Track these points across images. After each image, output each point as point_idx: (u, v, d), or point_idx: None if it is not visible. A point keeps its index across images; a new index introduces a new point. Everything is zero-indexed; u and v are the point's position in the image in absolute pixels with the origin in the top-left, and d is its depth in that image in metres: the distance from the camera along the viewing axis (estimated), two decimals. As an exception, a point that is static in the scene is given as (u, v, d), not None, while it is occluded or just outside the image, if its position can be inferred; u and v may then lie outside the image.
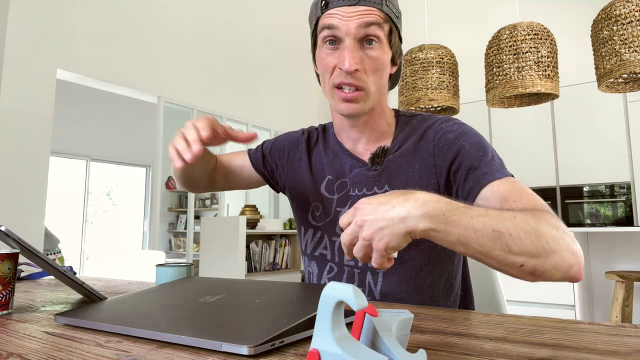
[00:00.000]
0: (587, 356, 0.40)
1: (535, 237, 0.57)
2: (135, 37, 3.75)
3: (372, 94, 0.77)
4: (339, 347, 0.32)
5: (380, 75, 0.76)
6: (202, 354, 0.42)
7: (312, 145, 0.95)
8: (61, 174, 5.84)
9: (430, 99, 2.98)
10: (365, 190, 0.83)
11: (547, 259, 0.57)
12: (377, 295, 0.81)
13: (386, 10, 0.74)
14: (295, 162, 0.95)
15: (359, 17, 0.72)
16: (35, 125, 3.03)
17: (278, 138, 1.00)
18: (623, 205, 3.87)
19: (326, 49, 0.76)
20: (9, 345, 0.47)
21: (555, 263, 0.58)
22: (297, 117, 5.51)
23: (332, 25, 0.73)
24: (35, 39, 3.06)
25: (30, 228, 2.97)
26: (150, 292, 0.66)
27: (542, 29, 2.62)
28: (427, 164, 0.80)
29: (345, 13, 0.72)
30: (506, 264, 0.57)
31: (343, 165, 0.87)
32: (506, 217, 0.57)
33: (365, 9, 0.72)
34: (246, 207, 3.81)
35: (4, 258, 0.63)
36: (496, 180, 0.71)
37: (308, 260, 0.91)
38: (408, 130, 0.85)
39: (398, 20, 0.78)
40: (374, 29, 0.73)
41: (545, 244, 0.57)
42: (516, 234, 0.56)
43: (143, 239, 6.72)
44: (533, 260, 0.57)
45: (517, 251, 0.56)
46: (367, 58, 0.74)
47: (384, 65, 0.76)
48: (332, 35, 0.74)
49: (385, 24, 0.74)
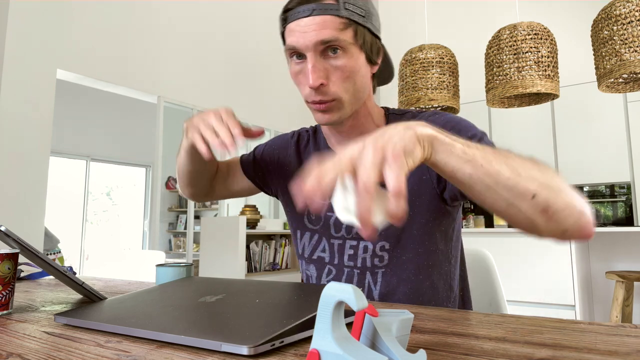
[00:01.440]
0: (587, 356, 0.39)
1: (544, 171, 0.52)
2: (135, 37, 3.75)
3: (346, 101, 0.74)
4: (339, 347, 0.32)
5: (353, 81, 0.74)
6: (202, 354, 0.42)
7: (302, 148, 0.93)
8: (61, 174, 5.84)
9: (430, 99, 2.98)
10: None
11: (559, 194, 0.52)
12: (376, 296, 0.81)
13: (345, 14, 0.70)
14: (285, 166, 0.94)
15: (315, 31, 0.69)
16: (35, 125, 3.03)
17: (269, 142, 0.99)
18: (623, 205, 3.86)
19: (294, 65, 0.75)
20: (8, 345, 0.47)
21: (567, 202, 0.52)
22: (297, 117, 5.51)
23: (292, 42, 0.72)
24: (35, 39, 3.06)
25: (30, 228, 2.97)
26: (150, 292, 0.66)
27: (542, 29, 2.62)
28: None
29: (302, 28, 0.70)
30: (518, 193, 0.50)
31: None
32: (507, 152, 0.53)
33: (321, 20, 0.69)
34: (246, 207, 3.81)
35: (4, 258, 0.63)
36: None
37: (306, 264, 0.91)
38: None
39: (365, 20, 0.74)
40: (332, 38, 0.70)
41: (552, 178, 0.52)
42: (522, 162, 0.52)
43: (143, 239, 6.72)
44: (545, 191, 0.51)
45: (527, 176, 0.50)
46: (332, 68, 0.72)
47: (353, 71, 0.73)
48: (294, 52, 0.73)
49: (347, 29, 0.71)
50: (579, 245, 2.69)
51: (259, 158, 0.98)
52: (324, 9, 0.70)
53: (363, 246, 0.82)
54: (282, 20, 0.75)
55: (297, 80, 0.77)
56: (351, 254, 0.83)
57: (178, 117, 5.66)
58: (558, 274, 2.54)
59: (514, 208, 0.52)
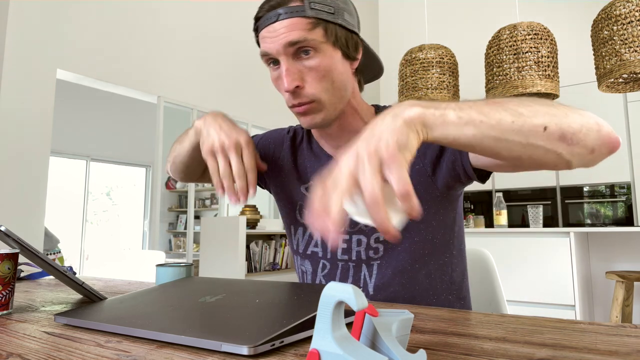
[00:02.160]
0: (587, 356, 0.40)
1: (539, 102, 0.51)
2: (135, 37, 3.76)
3: (326, 101, 0.74)
4: (339, 347, 0.32)
5: (330, 80, 0.73)
6: (202, 354, 0.42)
7: (297, 145, 0.93)
8: (61, 174, 5.84)
9: (430, 99, 2.98)
10: None
11: (568, 117, 0.50)
12: (371, 290, 0.81)
13: (312, 14, 0.70)
14: (279, 161, 0.94)
15: (283, 34, 0.70)
16: (35, 125, 3.03)
17: (265, 135, 0.99)
18: (623, 205, 3.87)
19: (272, 72, 0.76)
20: (8, 345, 0.47)
21: (580, 121, 0.51)
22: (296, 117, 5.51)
23: (264, 49, 0.73)
24: (35, 39, 3.06)
25: (30, 228, 2.97)
26: (150, 292, 0.66)
27: (542, 29, 2.62)
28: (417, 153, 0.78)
29: (271, 33, 0.71)
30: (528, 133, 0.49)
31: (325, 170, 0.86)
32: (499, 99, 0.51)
33: (289, 22, 0.70)
34: (246, 207, 3.81)
35: (4, 258, 0.63)
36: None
37: (301, 260, 0.91)
38: None
39: (334, 16, 0.73)
40: (300, 38, 0.70)
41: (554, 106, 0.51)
42: (519, 102, 0.50)
43: (143, 239, 6.72)
44: (554, 118, 0.49)
45: (529, 113, 0.49)
46: (307, 70, 0.72)
47: (329, 70, 0.73)
48: (269, 58, 0.74)
49: (315, 28, 0.71)
50: (578, 245, 2.69)
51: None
52: (290, 11, 0.70)
53: (357, 239, 0.82)
54: (254, 31, 0.76)
55: (277, 86, 0.77)
56: (344, 248, 0.83)
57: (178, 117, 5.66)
58: (558, 274, 2.54)
59: (532, 147, 0.50)
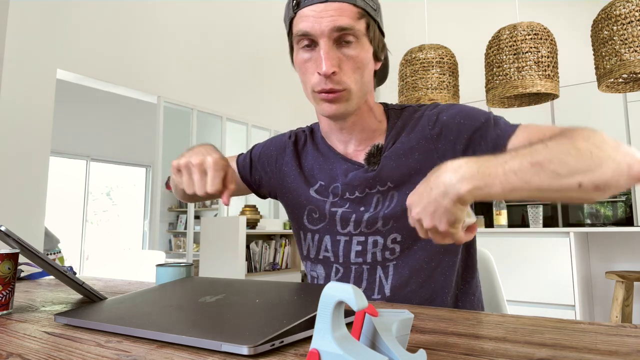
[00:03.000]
0: (587, 356, 0.40)
1: (577, 153, 0.54)
2: (135, 37, 3.76)
3: (355, 93, 0.73)
4: (339, 347, 0.32)
5: (362, 73, 0.73)
6: (202, 354, 0.42)
7: (300, 148, 0.92)
8: (61, 174, 5.84)
9: (430, 99, 2.98)
10: (367, 190, 0.80)
11: (601, 168, 0.54)
12: (387, 291, 0.79)
13: (361, 5, 0.70)
14: (284, 167, 0.92)
15: (331, 17, 0.68)
16: (35, 125, 3.03)
17: (266, 143, 0.98)
18: (623, 205, 3.86)
19: (303, 53, 0.73)
20: (9, 345, 0.47)
21: (613, 169, 0.54)
22: (297, 117, 5.51)
23: (305, 28, 0.70)
24: (35, 39, 3.06)
25: (30, 228, 2.97)
26: (150, 292, 0.66)
27: (542, 29, 2.62)
28: (427, 149, 0.78)
29: (317, 13, 0.69)
30: (565, 190, 0.54)
31: (335, 170, 0.84)
32: (538, 148, 0.56)
33: (338, 6, 0.69)
34: (246, 207, 3.81)
35: (4, 258, 0.63)
36: (511, 136, 0.70)
37: (312, 265, 0.89)
38: (400, 124, 0.82)
39: (376, 13, 0.74)
40: (349, 26, 0.69)
41: (591, 155, 0.54)
42: (556, 158, 0.54)
43: (143, 239, 6.72)
44: (588, 174, 0.54)
45: (566, 173, 0.53)
46: (344, 58, 0.71)
47: (364, 63, 0.73)
48: (306, 38, 0.71)
49: (361, 19, 0.71)
50: (578, 245, 2.69)
51: (256, 160, 0.96)
52: None
53: (372, 241, 0.80)
54: (293, 6, 0.72)
55: (304, 69, 0.74)
56: (359, 250, 0.81)
57: (178, 117, 5.66)
58: (558, 274, 2.54)
59: (566, 198, 0.56)
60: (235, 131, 4.91)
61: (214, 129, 5.15)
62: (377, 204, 0.80)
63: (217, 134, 4.73)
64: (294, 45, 0.76)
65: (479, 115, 0.77)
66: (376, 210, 0.79)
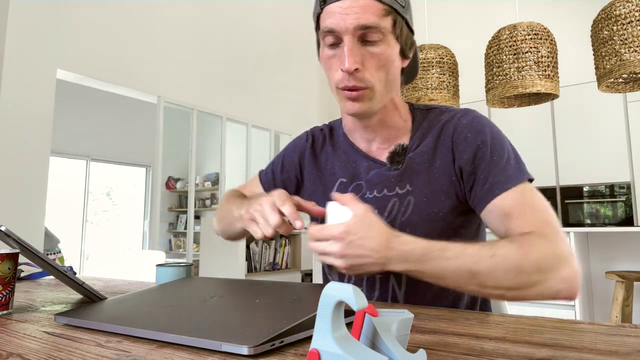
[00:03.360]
0: (587, 356, 0.40)
1: (515, 272, 0.59)
2: (135, 37, 3.76)
3: (378, 91, 0.72)
4: (339, 347, 0.32)
5: (387, 71, 0.72)
6: (202, 354, 0.42)
7: (319, 148, 0.90)
8: (61, 174, 5.84)
9: (430, 99, 2.98)
10: (386, 192, 0.79)
11: (529, 289, 0.60)
12: (401, 299, 0.77)
13: (388, 2, 0.69)
14: (304, 170, 0.91)
15: (356, 14, 0.68)
16: (35, 125, 3.03)
17: (287, 152, 0.95)
18: (623, 205, 3.86)
19: (328, 49, 0.73)
20: (9, 345, 0.47)
21: (539, 292, 0.60)
22: (297, 117, 5.51)
23: (330, 25, 0.70)
24: (35, 39, 3.06)
25: (30, 228, 2.97)
26: (150, 292, 0.66)
27: (542, 29, 2.62)
28: (447, 160, 0.76)
29: (343, 9, 0.68)
30: (485, 295, 0.62)
31: (358, 167, 0.83)
32: (483, 256, 0.60)
33: (364, 3, 0.68)
34: (246, 207, 3.80)
35: (4, 258, 0.63)
36: (505, 192, 0.69)
37: (328, 269, 0.88)
38: (426, 125, 0.81)
39: (405, 10, 0.73)
40: (374, 24, 0.68)
41: (527, 278, 0.59)
42: (493, 272, 0.59)
43: (143, 239, 6.72)
44: (512, 292, 0.60)
45: (493, 286, 0.60)
46: (369, 55, 0.70)
47: (389, 60, 0.72)
48: (331, 34, 0.71)
49: (387, 16, 0.70)
50: (578, 245, 2.69)
51: (279, 173, 0.95)
52: None
53: None
54: (320, 2, 0.72)
55: (329, 65, 0.74)
56: None
57: (178, 117, 5.65)
58: (558, 274, 2.54)
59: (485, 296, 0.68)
60: (235, 131, 4.91)
61: (214, 129, 5.15)
62: (392, 209, 0.78)
63: (217, 134, 4.73)
64: (320, 41, 0.75)
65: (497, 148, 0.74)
66: (392, 216, 0.78)
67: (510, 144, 0.76)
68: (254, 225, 0.69)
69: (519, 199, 0.68)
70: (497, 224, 0.70)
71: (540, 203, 0.68)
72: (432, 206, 0.75)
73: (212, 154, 6.51)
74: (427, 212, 0.75)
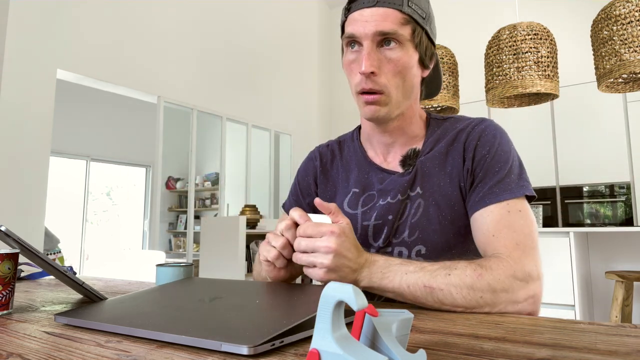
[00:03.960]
0: (587, 356, 0.40)
1: (468, 291, 0.61)
2: (136, 37, 3.76)
3: (394, 97, 0.75)
4: (339, 347, 0.32)
5: (403, 77, 0.75)
6: (202, 354, 0.42)
7: (328, 164, 0.92)
8: (61, 174, 5.84)
9: (430, 99, 2.98)
10: (399, 196, 0.80)
11: (483, 309, 0.62)
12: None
13: (408, 11, 0.73)
14: (319, 189, 0.93)
15: (376, 21, 0.72)
16: (35, 125, 3.03)
17: (299, 176, 0.97)
18: (623, 205, 3.87)
19: (349, 54, 0.77)
20: (9, 345, 0.47)
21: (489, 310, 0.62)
22: (297, 117, 5.51)
23: (352, 31, 0.74)
24: (35, 39, 3.06)
25: (30, 228, 2.97)
26: (150, 293, 0.66)
27: (542, 29, 2.62)
28: (458, 166, 0.79)
29: (364, 16, 0.73)
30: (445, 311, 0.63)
31: (370, 179, 0.85)
32: (440, 274, 0.63)
33: (384, 12, 0.72)
34: (246, 207, 3.81)
35: (4, 258, 0.63)
36: (492, 204, 0.72)
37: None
38: (440, 132, 0.83)
39: (425, 22, 0.76)
40: (392, 31, 0.72)
41: (479, 299, 0.61)
42: (447, 290, 0.61)
43: (143, 239, 6.72)
44: (469, 310, 0.62)
45: (449, 304, 0.62)
46: (386, 60, 0.73)
47: (406, 67, 0.75)
48: (353, 40, 0.75)
49: (407, 25, 0.73)
50: (578, 245, 2.70)
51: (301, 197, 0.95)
52: (388, 2, 0.72)
53: (398, 251, 0.80)
54: (345, 10, 0.77)
55: (349, 69, 0.77)
56: None
57: (178, 117, 5.66)
58: (558, 274, 2.55)
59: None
60: (235, 131, 4.91)
61: (214, 129, 5.15)
62: (403, 211, 0.80)
63: (217, 134, 4.73)
64: (344, 47, 0.79)
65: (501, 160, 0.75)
66: (404, 218, 0.79)
67: (518, 158, 0.78)
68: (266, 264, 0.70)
69: (501, 216, 0.71)
70: (478, 234, 0.72)
71: (520, 224, 0.70)
72: (441, 210, 0.77)
73: (212, 154, 6.51)
74: (435, 216, 0.77)
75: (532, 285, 0.64)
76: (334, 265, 0.61)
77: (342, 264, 0.61)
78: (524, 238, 0.68)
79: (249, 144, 4.90)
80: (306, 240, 0.62)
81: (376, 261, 0.65)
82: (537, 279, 0.65)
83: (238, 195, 4.98)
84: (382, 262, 0.64)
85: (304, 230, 0.62)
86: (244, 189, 4.87)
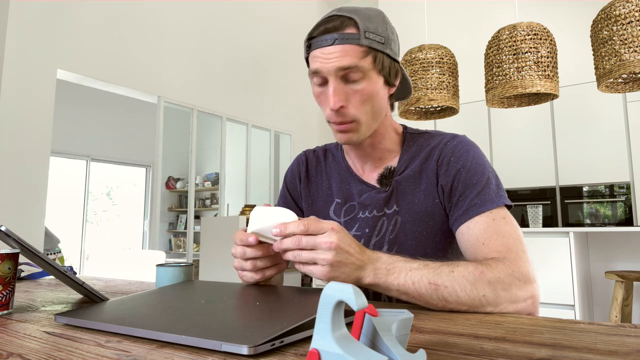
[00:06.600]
0: (587, 356, 0.40)
1: (472, 289, 0.62)
2: (136, 37, 3.76)
3: (364, 122, 0.78)
4: (339, 347, 0.32)
5: (371, 104, 0.78)
6: (202, 354, 0.42)
7: (312, 170, 0.96)
8: (61, 174, 5.84)
9: (430, 99, 2.98)
10: (375, 212, 0.84)
11: (485, 308, 0.63)
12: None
13: (366, 43, 0.74)
14: (303, 192, 0.95)
15: (337, 58, 0.74)
16: (35, 125, 3.03)
17: (286, 179, 0.99)
18: (623, 205, 3.87)
19: (317, 87, 0.79)
20: (9, 345, 0.47)
21: (491, 310, 0.63)
22: (297, 117, 5.51)
23: (315, 67, 0.76)
24: (35, 39, 3.06)
25: (30, 228, 2.97)
26: (150, 295, 0.66)
27: (542, 29, 2.62)
28: (432, 183, 0.81)
29: (324, 55, 0.75)
30: (448, 310, 0.63)
31: (351, 189, 0.89)
32: (444, 271, 0.63)
33: (342, 48, 0.74)
34: (246, 207, 3.81)
35: (4, 258, 0.63)
36: (477, 216, 0.74)
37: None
38: (415, 149, 0.86)
39: (385, 46, 0.77)
40: (353, 65, 0.74)
41: (482, 297, 0.62)
42: (451, 287, 0.62)
43: (143, 239, 6.72)
44: (472, 309, 0.63)
45: (453, 302, 0.62)
46: (352, 92, 0.76)
47: (372, 95, 0.77)
48: (318, 76, 0.77)
49: (367, 56, 0.75)
50: (578, 245, 2.70)
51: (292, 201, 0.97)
52: (345, 38, 0.74)
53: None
54: (306, 47, 0.80)
55: (319, 101, 0.81)
56: None
57: (178, 117, 5.65)
58: (558, 273, 2.55)
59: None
60: (235, 131, 4.91)
61: (214, 129, 5.15)
62: (381, 228, 0.83)
63: (217, 134, 4.73)
64: (311, 80, 0.81)
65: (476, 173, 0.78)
66: (381, 234, 0.83)
67: (492, 170, 0.81)
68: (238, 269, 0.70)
69: (488, 225, 0.72)
70: (466, 245, 0.74)
71: (508, 230, 0.72)
72: (417, 226, 0.80)
73: (212, 154, 6.51)
74: (412, 232, 0.80)
75: (530, 287, 0.65)
76: (337, 260, 0.61)
77: (345, 259, 0.61)
78: (514, 242, 0.70)
79: (249, 144, 4.90)
80: (306, 237, 0.62)
81: (380, 257, 0.65)
82: (534, 281, 0.67)
83: (238, 195, 4.98)
84: (386, 259, 0.65)
85: (305, 227, 0.62)
86: (244, 189, 4.87)
